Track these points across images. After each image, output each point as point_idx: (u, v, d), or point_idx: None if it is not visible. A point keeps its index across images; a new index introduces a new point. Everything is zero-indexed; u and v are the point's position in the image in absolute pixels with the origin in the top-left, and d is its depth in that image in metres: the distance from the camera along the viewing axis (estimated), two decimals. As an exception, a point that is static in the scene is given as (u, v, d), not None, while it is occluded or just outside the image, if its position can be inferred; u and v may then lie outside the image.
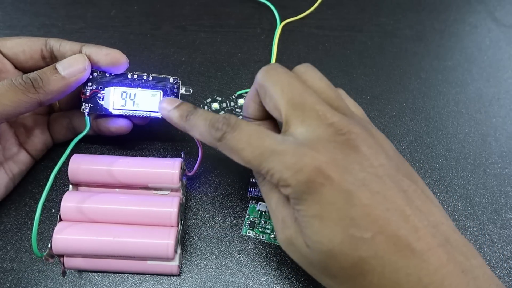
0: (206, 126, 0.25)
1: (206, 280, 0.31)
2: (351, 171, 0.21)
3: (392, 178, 0.22)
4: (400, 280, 0.20)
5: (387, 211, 0.20)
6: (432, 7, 0.48)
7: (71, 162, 0.31)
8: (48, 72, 0.29)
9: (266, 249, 0.33)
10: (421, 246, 0.20)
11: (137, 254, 0.29)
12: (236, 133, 0.23)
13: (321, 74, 0.26)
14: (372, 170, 0.21)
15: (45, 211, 0.33)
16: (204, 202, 0.34)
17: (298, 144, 0.22)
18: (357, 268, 0.21)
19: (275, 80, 0.24)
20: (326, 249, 0.21)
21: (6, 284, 0.30)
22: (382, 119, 0.39)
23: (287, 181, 0.21)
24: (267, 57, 0.42)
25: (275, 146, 0.22)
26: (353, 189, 0.21)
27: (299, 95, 0.23)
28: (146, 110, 0.32)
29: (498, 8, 0.48)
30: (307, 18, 0.45)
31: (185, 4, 0.46)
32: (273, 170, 0.22)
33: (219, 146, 0.24)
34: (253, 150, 0.22)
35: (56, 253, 0.28)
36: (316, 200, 0.21)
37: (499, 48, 0.45)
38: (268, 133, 0.23)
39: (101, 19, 0.44)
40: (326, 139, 0.22)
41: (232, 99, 0.39)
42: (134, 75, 0.32)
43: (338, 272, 0.21)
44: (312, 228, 0.21)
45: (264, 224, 0.33)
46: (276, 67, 0.26)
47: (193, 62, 0.42)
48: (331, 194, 0.21)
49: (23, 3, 0.45)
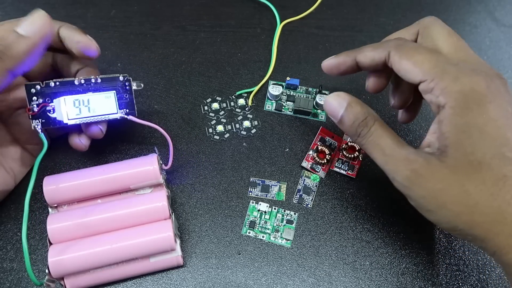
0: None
1: (206, 280, 0.31)
2: (511, 104, 0.25)
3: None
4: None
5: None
6: (432, 7, 0.48)
7: (45, 185, 0.30)
8: (7, 35, 0.27)
9: (266, 249, 0.33)
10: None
11: (138, 254, 0.29)
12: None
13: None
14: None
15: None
16: (204, 202, 0.34)
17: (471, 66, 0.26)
18: (498, 186, 0.23)
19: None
20: (476, 161, 0.23)
21: (6, 284, 0.30)
22: (382, 119, 0.39)
23: (464, 86, 0.24)
24: (267, 57, 0.42)
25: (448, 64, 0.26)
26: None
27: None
28: (104, 114, 0.31)
29: (498, 8, 0.48)
30: (307, 18, 0.45)
31: (185, 4, 0.46)
32: (454, 74, 0.25)
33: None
34: (431, 64, 0.26)
35: (55, 276, 0.28)
36: (481, 112, 0.24)
37: (499, 48, 0.45)
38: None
39: (101, 19, 0.44)
40: (494, 74, 0.26)
41: (232, 99, 0.39)
42: (81, 80, 0.31)
43: (476, 186, 0.24)
44: (470, 139, 0.24)
45: (264, 224, 0.33)
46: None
47: (193, 62, 0.42)
48: (496, 112, 0.24)
49: (23, 3, 0.45)
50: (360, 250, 0.33)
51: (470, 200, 0.24)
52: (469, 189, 0.24)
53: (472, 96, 0.24)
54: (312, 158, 0.36)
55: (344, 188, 0.35)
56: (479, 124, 0.24)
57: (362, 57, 0.30)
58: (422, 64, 0.26)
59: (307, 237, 0.33)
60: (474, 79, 0.25)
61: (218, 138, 0.37)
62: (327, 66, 0.33)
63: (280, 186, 0.35)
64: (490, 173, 0.24)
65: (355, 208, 0.35)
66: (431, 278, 0.32)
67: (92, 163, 0.35)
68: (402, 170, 0.26)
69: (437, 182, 0.25)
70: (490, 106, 0.24)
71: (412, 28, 0.31)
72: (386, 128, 0.28)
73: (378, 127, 0.28)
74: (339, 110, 0.29)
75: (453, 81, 0.25)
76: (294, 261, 0.32)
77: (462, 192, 0.24)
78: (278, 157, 0.37)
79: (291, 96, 0.39)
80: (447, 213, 0.25)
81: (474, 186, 0.24)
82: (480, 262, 0.33)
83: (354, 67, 0.31)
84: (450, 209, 0.24)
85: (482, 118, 0.24)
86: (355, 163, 0.36)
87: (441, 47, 0.28)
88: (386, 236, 0.33)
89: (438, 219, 0.25)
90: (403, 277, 0.32)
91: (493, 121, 0.24)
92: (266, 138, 0.37)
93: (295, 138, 0.38)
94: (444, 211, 0.25)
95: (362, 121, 0.28)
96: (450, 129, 0.25)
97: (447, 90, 0.25)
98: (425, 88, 0.26)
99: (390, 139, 0.27)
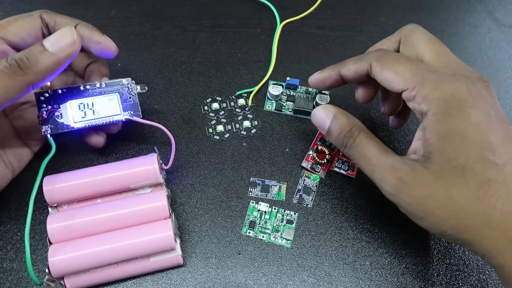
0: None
1: (206, 280, 0.31)
2: (494, 106, 0.25)
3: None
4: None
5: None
6: (432, 7, 0.48)
7: (45, 185, 0.30)
8: (34, 50, 0.26)
9: (266, 249, 0.33)
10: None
11: (139, 254, 0.29)
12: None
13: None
14: (502, 116, 0.25)
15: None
16: (204, 202, 0.34)
17: (450, 72, 0.26)
18: (482, 190, 0.23)
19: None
20: (460, 166, 0.24)
21: (6, 284, 0.30)
22: (382, 119, 0.39)
23: (445, 92, 0.25)
24: (267, 57, 0.42)
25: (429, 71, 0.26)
26: (496, 117, 0.24)
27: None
28: (107, 116, 0.32)
29: (498, 8, 0.48)
30: (307, 18, 0.45)
31: (185, 4, 0.46)
32: (434, 81, 0.25)
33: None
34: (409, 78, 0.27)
35: (55, 276, 0.28)
36: (463, 118, 0.24)
37: (499, 48, 0.45)
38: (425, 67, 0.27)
39: (101, 19, 0.44)
40: (475, 77, 0.26)
41: (232, 99, 0.39)
42: (86, 85, 0.32)
43: (461, 191, 0.24)
44: (452, 144, 0.24)
45: (264, 224, 0.33)
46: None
47: (193, 62, 0.42)
48: (478, 116, 0.24)
49: (23, 3, 0.45)
50: (360, 250, 0.33)
51: (456, 205, 0.24)
52: (454, 194, 0.24)
53: (453, 102, 0.25)
54: (312, 158, 0.36)
55: (344, 188, 0.35)
56: (460, 129, 0.24)
57: (345, 71, 0.31)
58: (403, 73, 0.27)
59: (307, 237, 0.33)
60: (454, 85, 0.25)
61: (218, 138, 0.37)
62: (314, 82, 0.34)
63: (280, 186, 0.35)
64: (474, 177, 0.24)
65: (355, 208, 0.35)
66: (431, 278, 0.32)
67: (91, 163, 0.35)
68: (388, 178, 0.26)
69: (422, 189, 0.25)
70: (471, 110, 0.24)
71: (394, 37, 0.31)
72: (371, 137, 0.28)
73: (363, 137, 0.28)
74: (326, 122, 0.30)
75: (433, 88, 0.25)
76: (294, 261, 0.32)
77: (447, 197, 0.24)
78: (278, 157, 0.37)
79: (291, 96, 0.39)
80: (435, 218, 0.25)
81: (459, 191, 0.24)
82: (480, 262, 0.33)
83: (339, 80, 0.32)
84: (437, 215, 0.25)
85: (464, 123, 0.24)
86: (355, 163, 0.36)
87: (423, 54, 0.29)
88: (386, 236, 0.33)
89: (428, 225, 0.26)
90: (403, 277, 0.32)
91: (474, 125, 0.24)
92: (266, 138, 0.37)
93: (295, 138, 0.38)
94: (432, 217, 0.25)
95: (347, 132, 0.29)
96: (433, 136, 0.25)
97: (428, 98, 0.25)
98: (407, 96, 0.27)
99: (375, 148, 0.27)
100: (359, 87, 0.33)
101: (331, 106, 0.30)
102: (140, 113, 0.33)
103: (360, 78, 0.30)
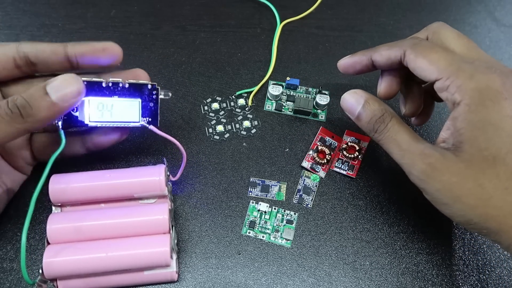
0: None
1: (206, 280, 0.31)
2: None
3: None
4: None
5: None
6: (432, 7, 0.48)
7: (51, 183, 0.30)
8: (37, 96, 0.25)
9: (266, 249, 0.33)
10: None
11: (133, 266, 0.28)
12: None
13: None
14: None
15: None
16: (204, 202, 0.34)
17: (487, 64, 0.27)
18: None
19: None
20: (491, 156, 0.24)
21: (6, 284, 0.30)
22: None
23: (480, 83, 0.25)
24: (267, 57, 0.42)
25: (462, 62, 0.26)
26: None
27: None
28: (124, 121, 0.30)
29: (498, 8, 0.48)
30: (307, 18, 0.45)
31: (185, 4, 0.46)
32: (468, 73, 0.26)
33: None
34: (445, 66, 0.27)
35: (48, 277, 0.27)
36: (497, 109, 0.24)
37: (499, 48, 0.45)
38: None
39: (101, 19, 0.44)
40: (508, 71, 0.26)
41: (232, 99, 0.39)
42: (109, 83, 0.29)
43: (491, 181, 0.24)
44: (485, 135, 0.24)
45: (264, 224, 0.33)
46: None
47: (193, 62, 0.42)
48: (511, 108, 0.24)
49: (23, 3, 0.45)
50: (360, 250, 0.33)
51: (485, 193, 0.24)
52: (483, 183, 0.24)
53: (487, 93, 0.25)
54: (312, 158, 0.36)
55: (344, 188, 0.35)
56: (494, 120, 0.24)
57: (377, 56, 0.31)
58: (438, 62, 0.27)
59: (307, 237, 0.33)
60: (489, 77, 0.25)
61: (218, 138, 0.37)
62: (343, 66, 0.34)
63: (280, 186, 0.35)
64: (504, 168, 0.24)
65: (355, 208, 0.35)
66: (431, 278, 0.32)
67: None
68: (418, 164, 0.26)
69: (452, 176, 0.25)
70: (505, 103, 0.25)
71: (421, 34, 0.31)
72: (402, 124, 0.28)
73: (395, 123, 0.28)
74: (356, 107, 0.30)
75: (468, 79, 0.25)
76: (294, 261, 0.32)
77: (476, 186, 0.24)
78: (278, 157, 0.37)
79: (291, 96, 0.39)
80: (462, 206, 0.25)
81: (488, 180, 0.24)
82: (480, 262, 0.33)
83: (369, 66, 0.32)
84: (464, 202, 0.25)
85: (498, 115, 0.24)
86: (355, 163, 0.36)
87: (453, 48, 0.29)
88: (386, 236, 0.33)
89: (453, 212, 0.26)
90: (403, 277, 0.32)
91: (508, 117, 0.24)
92: (266, 138, 0.37)
93: (295, 138, 0.38)
94: (459, 204, 0.25)
95: (379, 118, 0.29)
96: (465, 126, 0.25)
97: (462, 88, 0.25)
98: (440, 86, 0.27)
99: (406, 134, 0.28)
100: (383, 79, 0.32)
101: (362, 91, 0.30)
102: (158, 122, 0.31)
103: (392, 64, 0.30)
